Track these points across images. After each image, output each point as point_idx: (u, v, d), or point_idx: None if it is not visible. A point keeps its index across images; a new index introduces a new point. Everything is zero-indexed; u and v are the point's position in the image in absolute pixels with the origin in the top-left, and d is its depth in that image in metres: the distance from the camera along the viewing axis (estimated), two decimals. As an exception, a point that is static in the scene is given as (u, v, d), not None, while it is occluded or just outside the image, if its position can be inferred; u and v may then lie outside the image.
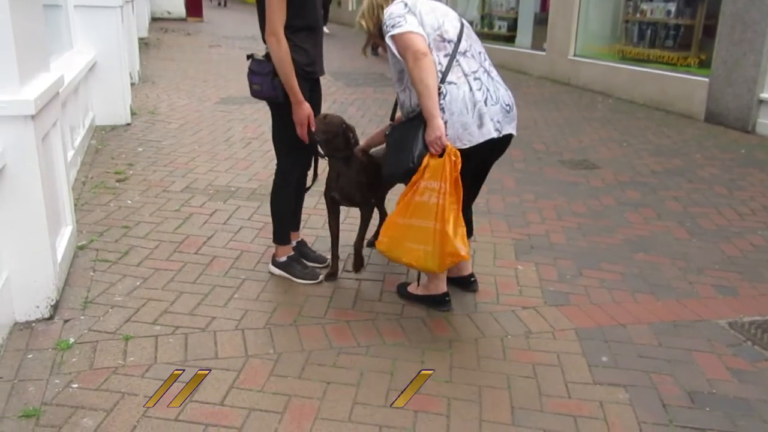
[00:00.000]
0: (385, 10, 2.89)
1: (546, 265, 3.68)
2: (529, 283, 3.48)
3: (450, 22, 2.91)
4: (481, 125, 2.84)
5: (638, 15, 8.74)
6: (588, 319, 3.12)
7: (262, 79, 3.08)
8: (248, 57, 3.15)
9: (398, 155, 2.89)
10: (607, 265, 3.72)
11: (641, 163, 5.76)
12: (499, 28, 11.81)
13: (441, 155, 2.77)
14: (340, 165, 3.22)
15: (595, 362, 2.78)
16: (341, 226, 3.42)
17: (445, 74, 2.82)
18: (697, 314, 3.20)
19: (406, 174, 2.87)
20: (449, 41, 2.86)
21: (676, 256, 3.87)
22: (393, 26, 2.78)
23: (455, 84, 2.83)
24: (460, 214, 2.86)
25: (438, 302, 3.15)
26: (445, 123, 2.79)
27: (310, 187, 3.42)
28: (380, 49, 3.37)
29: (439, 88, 2.78)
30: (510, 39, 11.43)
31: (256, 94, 3.15)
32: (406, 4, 2.84)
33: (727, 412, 2.48)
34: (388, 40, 2.82)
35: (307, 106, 3.04)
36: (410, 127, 2.87)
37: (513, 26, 11.52)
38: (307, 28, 3.06)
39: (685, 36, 8.08)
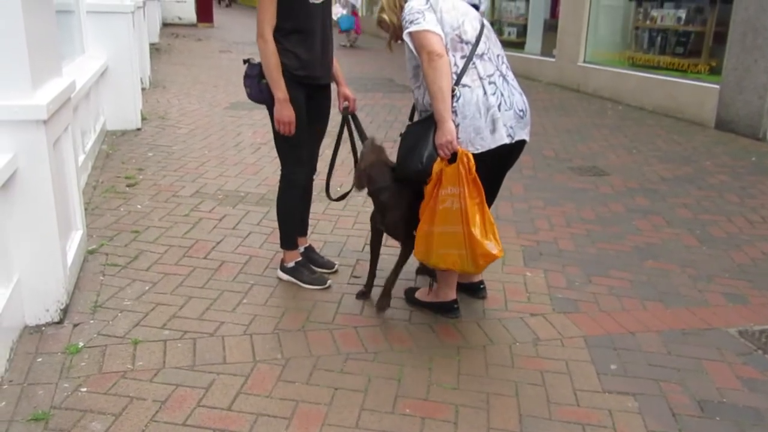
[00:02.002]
0: (406, 3, 2.84)
1: (554, 272, 3.67)
2: (538, 290, 3.47)
3: (470, 22, 2.86)
4: (494, 130, 2.81)
5: (648, 22, 8.72)
6: (597, 327, 3.11)
7: (251, 81, 3.13)
8: (245, 62, 3.17)
9: (409, 156, 2.87)
10: (616, 272, 3.70)
11: (651, 170, 5.74)
12: (509, 34, 11.81)
13: (451, 160, 2.75)
14: (381, 199, 3.03)
15: (604, 370, 2.76)
16: (351, 231, 3.42)
17: (459, 76, 2.78)
18: (706, 322, 3.18)
19: (415, 175, 2.85)
20: (467, 42, 2.82)
21: (686, 263, 3.85)
22: (411, 22, 2.75)
23: (469, 87, 2.79)
24: (487, 212, 2.81)
25: (446, 309, 3.13)
26: (457, 126, 2.76)
27: (345, 195, 3.33)
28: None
29: (453, 91, 2.75)
30: (519, 45, 11.43)
31: (249, 97, 3.20)
32: (427, 0, 2.80)
33: (737, 421, 2.46)
34: (405, 36, 2.79)
35: (290, 108, 3.03)
36: (422, 129, 2.86)
37: (523, 32, 11.53)
38: (298, 32, 3.04)
39: (696, 43, 8.06)
